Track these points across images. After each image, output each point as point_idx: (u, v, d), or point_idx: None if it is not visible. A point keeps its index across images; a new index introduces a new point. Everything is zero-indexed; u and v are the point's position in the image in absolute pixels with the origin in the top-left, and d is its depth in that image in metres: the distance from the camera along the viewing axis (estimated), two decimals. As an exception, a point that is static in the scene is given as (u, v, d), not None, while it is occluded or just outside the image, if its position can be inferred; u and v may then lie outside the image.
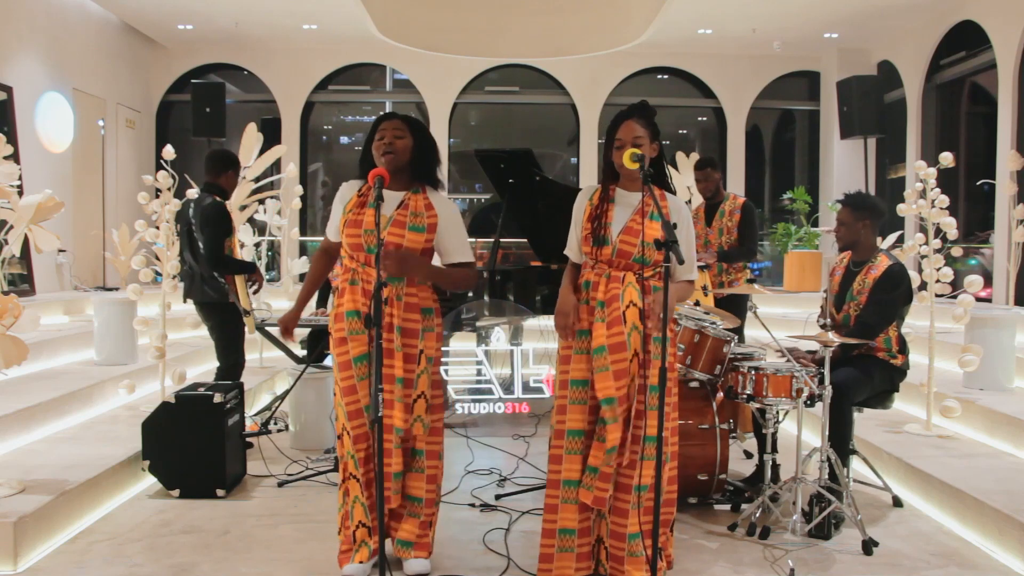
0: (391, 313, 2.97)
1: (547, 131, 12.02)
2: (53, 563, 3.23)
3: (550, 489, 3.01)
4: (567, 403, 2.98)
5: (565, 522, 2.98)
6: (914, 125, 9.49)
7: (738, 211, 5.40)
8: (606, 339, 2.89)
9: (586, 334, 2.97)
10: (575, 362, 2.98)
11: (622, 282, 2.93)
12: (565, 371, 3.01)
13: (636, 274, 2.93)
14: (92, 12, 8.94)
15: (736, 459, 4.52)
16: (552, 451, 3.02)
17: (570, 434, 2.97)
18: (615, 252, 2.94)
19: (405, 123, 3.05)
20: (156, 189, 4.88)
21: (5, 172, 3.60)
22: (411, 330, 3.02)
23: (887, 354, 3.92)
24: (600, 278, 2.96)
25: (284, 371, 6.56)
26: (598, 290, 2.96)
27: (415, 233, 3.01)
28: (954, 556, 3.39)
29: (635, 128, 2.98)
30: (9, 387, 4.68)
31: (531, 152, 5.43)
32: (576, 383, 2.97)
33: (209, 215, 4.61)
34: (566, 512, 2.98)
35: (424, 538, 3.13)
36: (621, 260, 2.94)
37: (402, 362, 2.98)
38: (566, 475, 2.97)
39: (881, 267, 3.89)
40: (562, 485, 2.97)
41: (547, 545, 3.01)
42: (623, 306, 2.90)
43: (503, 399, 5.69)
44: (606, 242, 2.95)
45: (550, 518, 3.00)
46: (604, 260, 2.96)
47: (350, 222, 2.99)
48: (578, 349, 2.98)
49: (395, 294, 2.99)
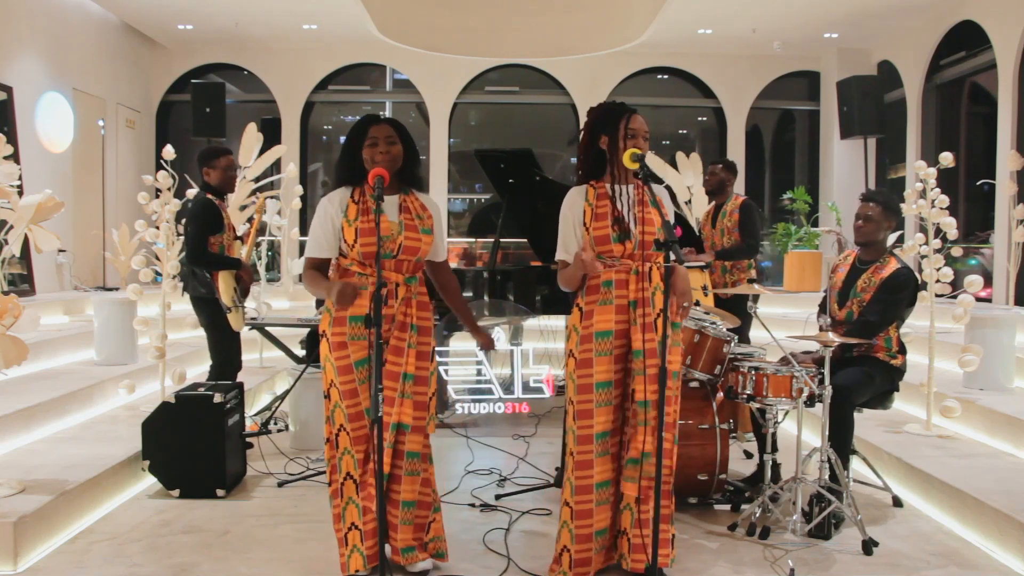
0: (406, 312, 3.00)
1: (547, 131, 12.02)
2: (53, 563, 3.24)
3: (581, 495, 2.98)
4: (593, 407, 2.95)
5: (601, 523, 3.00)
6: (914, 125, 9.49)
7: (737, 211, 5.42)
8: (643, 344, 2.91)
9: (609, 335, 2.95)
10: (598, 364, 2.95)
11: (649, 280, 2.94)
12: (588, 374, 2.96)
13: (657, 264, 2.94)
14: (92, 12, 8.94)
15: (736, 459, 4.52)
16: (580, 457, 2.97)
17: (599, 437, 2.96)
18: (637, 245, 2.94)
19: (394, 128, 3.04)
20: (156, 189, 4.88)
21: (5, 172, 3.60)
22: (426, 328, 3.06)
23: (887, 354, 3.92)
24: (628, 275, 2.95)
25: (284, 371, 6.56)
26: (627, 288, 2.95)
27: (427, 235, 3.04)
28: (954, 556, 3.39)
29: (644, 122, 2.99)
30: (9, 387, 4.68)
31: (531, 152, 5.43)
32: (602, 385, 2.95)
33: (191, 210, 4.62)
34: (601, 513, 2.99)
35: (421, 540, 3.13)
36: (643, 251, 2.94)
37: (415, 359, 3.00)
38: (599, 478, 2.97)
39: (889, 268, 3.90)
40: (595, 488, 2.97)
41: (584, 550, 2.99)
42: (655, 313, 2.92)
43: (503, 399, 5.69)
44: (628, 236, 2.94)
45: (584, 523, 2.98)
46: (627, 256, 2.95)
47: (363, 231, 2.94)
48: (599, 351, 2.96)
49: (410, 294, 3.02)
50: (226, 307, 4.61)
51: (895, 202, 4.03)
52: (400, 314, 3.00)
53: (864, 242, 3.99)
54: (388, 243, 2.96)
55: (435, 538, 3.16)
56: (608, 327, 2.95)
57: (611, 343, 2.95)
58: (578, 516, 2.99)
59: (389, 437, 2.98)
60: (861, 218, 3.97)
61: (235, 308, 4.66)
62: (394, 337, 2.99)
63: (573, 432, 2.99)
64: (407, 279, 3.02)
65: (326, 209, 3.03)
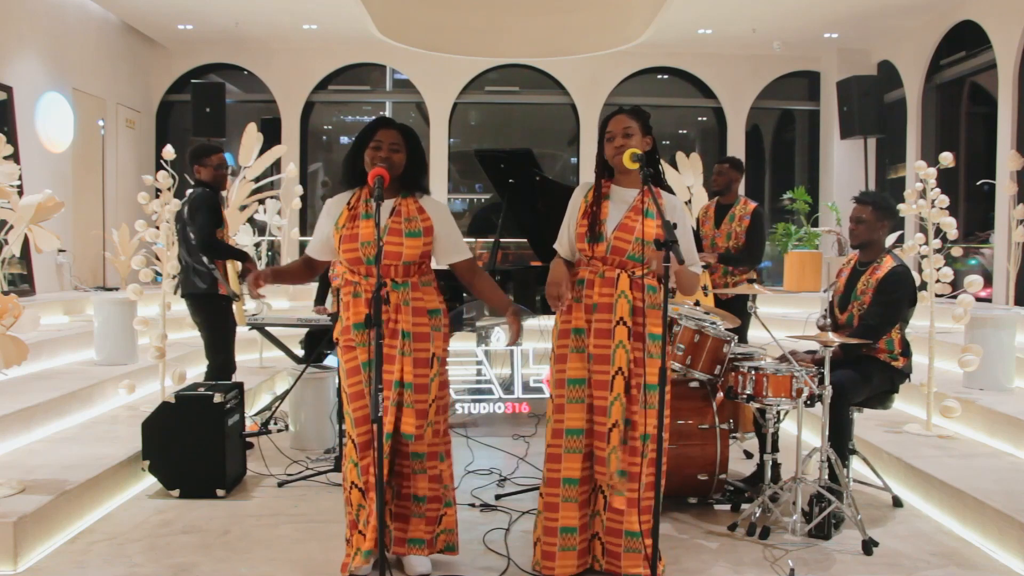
0: (396, 319, 2.97)
1: (547, 131, 12.02)
2: (53, 563, 3.24)
3: (549, 488, 3.02)
4: (565, 402, 2.99)
5: (567, 520, 2.99)
6: (914, 125, 9.49)
7: (748, 217, 5.35)
8: (593, 348, 2.94)
9: (582, 332, 2.98)
10: (572, 360, 2.99)
11: (615, 286, 2.93)
12: (562, 370, 3.01)
13: (629, 273, 2.94)
14: (92, 12, 8.94)
15: (736, 459, 4.52)
16: (550, 450, 3.02)
17: (568, 433, 2.98)
18: (609, 249, 2.95)
19: (401, 135, 3.03)
20: (156, 189, 4.88)
21: (5, 172, 3.60)
22: (422, 334, 3.01)
23: (888, 356, 3.92)
24: (594, 276, 2.97)
25: (284, 371, 6.56)
26: (593, 289, 2.97)
27: (412, 239, 2.99)
28: (954, 556, 3.39)
29: (624, 119, 3.01)
30: (9, 387, 4.67)
31: (531, 152, 5.43)
32: (573, 382, 2.98)
33: (195, 203, 4.62)
34: (567, 510, 2.99)
35: (431, 533, 3.14)
36: (615, 257, 2.95)
37: (412, 367, 2.98)
38: (566, 473, 2.98)
39: (885, 268, 3.89)
40: (562, 483, 2.99)
41: (549, 543, 3.02)
42: (614, 319, 2.91)
43: (503, 399, 5.69)
44: (601, 238, 2.96)
45: (551, 516, 3.01)
46: (598, 257, 2.97)
47: (345, 238, 2.98)
48: (574, 347, 2.99)
49: (402, 299, 2.99)
50: (233, 294, 4.62)
51: (889, 202, 4.01)
52: (391, 321, 2.98)
53: (859, 244, 3.99)
54: (369, 248, 2.94)
55: (446, 530, 3.17)
56: (580, 325, 2.99)
57: (584, 340, 2.98)
58: (546, 508, 3.03)
59: (385, 446, 2.95)
60: (854, 220, 3.98)
61: (240, 298, 4.67)
62: (385, 345, 2.97)
63: (550, 425, 3.04)
64: (395, 284, 2.99)
65: (328, 211, 3.09)
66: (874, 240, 3.96)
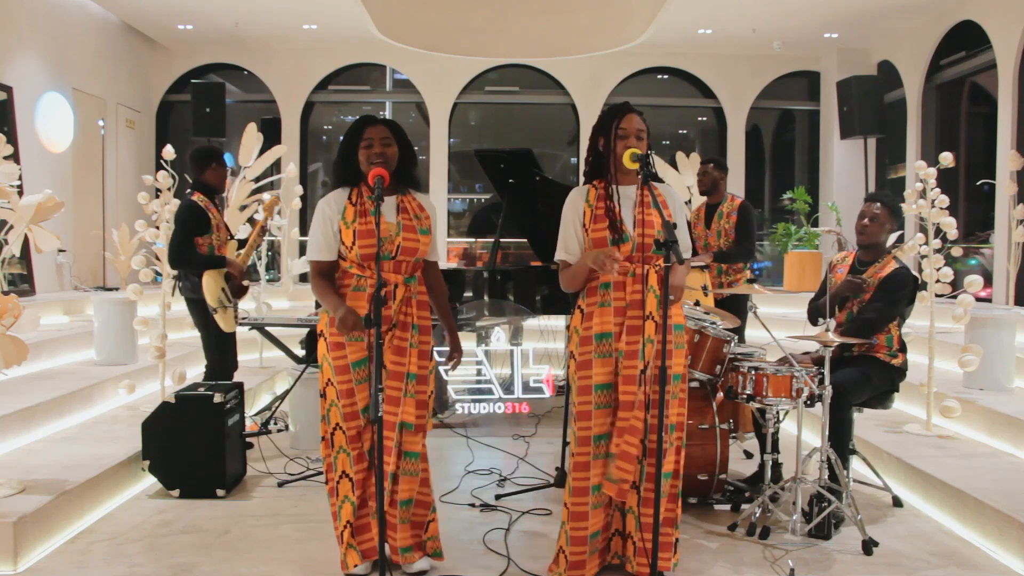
0: (408, 312, 3.02)
1: (547, 131, 12.02)
2: (53, 563, 3.24)
3: (577, 497, 2.97)
4: (591, 408, 2.95)
5: (595, 526, 2.99)
6: (914, 125, 9.49)
7: (735, 213, 5.38)
8: (624, 345, 2.92)
9: (608, 337, 2.95)
10: (597, 366, 2.96)
11: (645, 283, 2.92)
12: (586, 376, 2.97)
13: (656, 267, 2.93)
14: (92, 12, 8.94)
15: (736, 459, 4.52)
16: (578, 458, 2.98)
17: (596, 439, 2.96)
18: (635, 248, 2.93)
19: (390, 129, 3.04)
20: (156, 189, 4.88)
21: (5, 172, 3.60)
22: (426, 327, 3.08)
23: (888, 353, 3.92)
24: (624, 277, 2.94)
25: (284, 371, 6.56)
26: (624, 291, 2.94)
27: (424, 236, 3.05)
28: (954, 556, 3.39)
29: (639, 121, 2.98)
30: (9, 387, 4.68)
31: (531, 152, 5.43)
32: (600, 387, 2.96)
33: (176, 213, 4.61)
34: (596, 517, 2.99)
35: (419, 538, 3.13)
36: (641, 254, 2.93)
37: (416, 358, 3.02)
38: (595, 480, 2.96)
39: (887, 268, 3.90)
40: (591, 491, 2.96)
41: (578, 552, 2.99)
42: (643, 315, 2.91)
43: (503, 399, 5.69)
44: (625, 238, 2.93)
45: (579, 526, 2.98)
46: (625, 259, 2.94)
47: (361, 233, 2.95)
48: (599, 353, 2.96)
49: (410, 294, 3.03)
50: (212, 308, 4.55)
51: (899, 204, 4.04)
52: (401, 314, 3.01)
53: (868, 243, 3.97)
54: (387, 244, 2.97)
55: (432, 537, 3.17)
56: (608, 329, 2.95)
57: (611, 345, 2.95)
58: (573, 518, 2.98)
59: (395, 436, 2.98)
60: (867, 217, 3.94)
61: (222, 309, 4.57)
62: (396, 337, 3.00)
63: (574, 433, 3.00)
64: (406, 279, 3.03)
65: (324, 212, 3.03)
66: (881, 240, 3.97)
